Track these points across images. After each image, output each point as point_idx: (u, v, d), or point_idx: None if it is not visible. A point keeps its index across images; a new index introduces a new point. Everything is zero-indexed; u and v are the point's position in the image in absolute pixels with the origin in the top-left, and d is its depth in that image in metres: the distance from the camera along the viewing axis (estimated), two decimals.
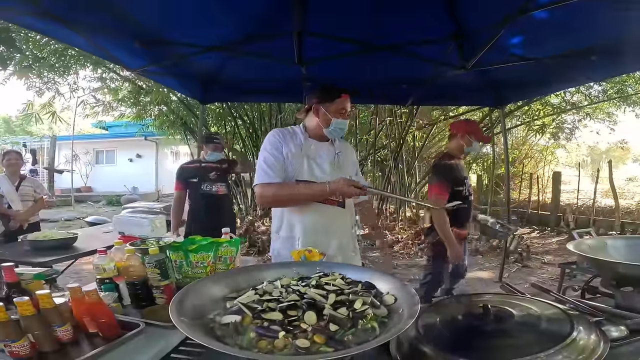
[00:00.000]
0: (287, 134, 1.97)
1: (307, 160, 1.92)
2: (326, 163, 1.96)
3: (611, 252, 1.50)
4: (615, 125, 9.61)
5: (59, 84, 8.19)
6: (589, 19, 2.39)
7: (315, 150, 1.96)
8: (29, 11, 2.17)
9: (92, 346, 1.14)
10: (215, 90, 3.98)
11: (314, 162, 1.94)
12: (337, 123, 1.92)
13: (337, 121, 1.91)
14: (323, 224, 1.93)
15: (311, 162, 1.93)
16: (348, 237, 2.05)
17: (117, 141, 18.56)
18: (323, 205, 1.91)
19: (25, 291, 1.30)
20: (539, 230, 8.79)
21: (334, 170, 1.94)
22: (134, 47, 2.69)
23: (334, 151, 2.01)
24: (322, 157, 1.96)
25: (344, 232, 2.03)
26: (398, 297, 1.05)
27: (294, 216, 1.94)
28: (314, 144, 1.97)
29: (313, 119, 1.95)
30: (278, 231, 2.00)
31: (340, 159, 2.01)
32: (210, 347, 0.78)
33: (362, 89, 3.95)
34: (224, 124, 8.64)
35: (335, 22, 2.64)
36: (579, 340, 0.88)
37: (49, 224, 9.56)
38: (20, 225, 3.76)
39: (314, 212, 1.91)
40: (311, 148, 1.95)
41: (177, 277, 1.54)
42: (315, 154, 1.95)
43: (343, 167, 2.00)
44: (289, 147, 1.91)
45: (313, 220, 1.92)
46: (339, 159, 2.01)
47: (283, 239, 1.97)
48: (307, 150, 1.94)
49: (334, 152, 2.01)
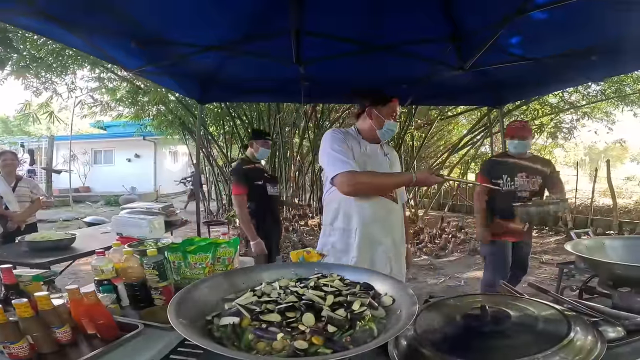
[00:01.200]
0: (346, 134, 2.06)
1: (367, 160, 2.00)
2: (385, 163, 2.09)
3: (609, 253, 1.51)
4: (614, 125, 9.62)
5: (57, 84, 8.17)
6: (588, 18, 2.39)
7: (371, 151, 2.06)
8: (25, 12, 2.15)
9: (91, 347, 1.15)
10: (214, 90, 3.98)
11: (372, 162, 2.02)
12: (389, 125, 2.04)
13: (390, 123, 2.04)
14: (381, 217, 1.99)
15: (371, 161, 2.01)
16: (401, 234, 2.13)
17: (115, 141, 18.53)
18: (382, 198, 1.99)
19: (24, 293, 1.30)
20: (537, 229, 8.81)
21: (389, 170, 2.10)
22: (131, 47, 2.67)
23: (384, 153, 2.14)
24: (377, 158, 2.07)
25: (398, 227, 2.10)
26: (396, 298, 1.05)
27: (352, 207, 1.98)
28: (369, 145, 2.07)
29: (366, 121, 2.06)
30: (332, 222, 2.04)
31: (391, 160, 2.15)
32: (208, 349, 0.78)
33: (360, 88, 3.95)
34: (223, 124, 8.64)
35: (333, 21, 2.63)
36: (576, 341, 0.88)
37: (47, 224, 9.53)
38: (18, 227, 3.75)
39: (374, 204, 1.97)
40: (367, 149, 2.05)
41: (176, 278, 1.54)
42: (372, 154, 2.06)
43: (394, 168, 2.15)
44: (350, 144, 1.99)
45: (372, 212, 1.97)
46: (390, 160, 2.14)
47: (340, 231, 2.01)
48: (365, 151, 2.04)
49: (383, 154, 2.13)
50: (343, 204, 1.99)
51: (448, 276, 5.40)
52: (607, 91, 8.14)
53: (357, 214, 1.97)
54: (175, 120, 8.48)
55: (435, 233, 7.43)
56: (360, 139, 2.07)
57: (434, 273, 5.59)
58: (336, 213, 2.02)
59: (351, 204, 1.97)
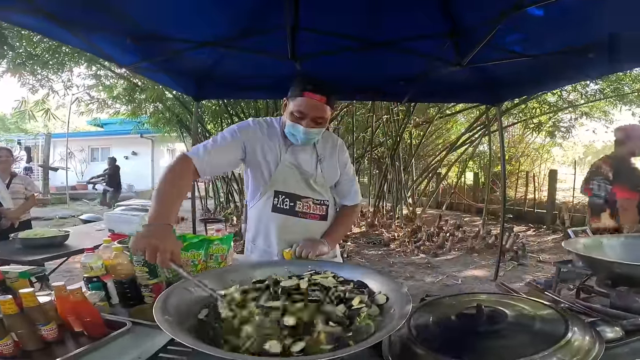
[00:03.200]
0: (262, 125, 1.70)
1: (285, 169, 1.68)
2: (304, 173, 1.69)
3: (607, 251, 1.49)
4: (612, 124, 9.62)
5: (53, 81, 8.12)
6: (585, 15, 2.37)
7: (290, 156, 1.69)
8: (24, 9, 2.13)
9: (78, 345, 1.12)
10: (209, 87, 3.95)
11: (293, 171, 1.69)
12: (291, 128, 1.58)
13: (291, 125, 1.58)
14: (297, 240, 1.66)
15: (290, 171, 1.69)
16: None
17: (112, 138, 18.50)
18: (303, 220, 1.70)
19: (10, 289, 1.27)
20: (535, 228, 8.82)
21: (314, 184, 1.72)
22: (125, 44, 2.64)
23: (315, 158, 1.73)
24: (299, 165, 1.70)
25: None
26: (390, 297, 1.03)
27: (270, 229, 1.71)
28: (292, 147, 1.69)
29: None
30: (254, 240, 1.79)
31: (322, 167, 1.73)
32: (194, 347, 0.76)
33: (358, 86, 3.93)
34: (221, 122, 8.60)
35: (330, 17, 2.60)
36: (574, 342, 0.86)
37: (43, 221, 9.49)
38: (12, 224, 3.72)
39: (293, 226, 1.69)
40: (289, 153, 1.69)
41: (167, 275, 1.51)
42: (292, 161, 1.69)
43: (325, 174, 1.74)
44: (260, 139, 1.66)
45: (292, 237, 1.68)
46: (313, 165, 1.72)
47: (260, 251, 1.76)
48: (279, 152, 1.67)
49: (314, 159, 1.73)
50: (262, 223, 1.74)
51: (445, 275, 5.39)
52: (605, 90, 8.13)
53: (275, 237, 1.70)
54: (172, 118, 8.45)
55: (432, 231, 7.42)
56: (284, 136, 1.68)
57: (431, 271, 5.59)
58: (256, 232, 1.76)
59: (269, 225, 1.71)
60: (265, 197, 1.70)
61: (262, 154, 1.66)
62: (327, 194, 1.78)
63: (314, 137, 1.61)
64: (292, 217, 1.68)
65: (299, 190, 1.69)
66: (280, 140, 1.68)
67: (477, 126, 8.61)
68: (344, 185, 1.82)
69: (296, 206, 1.68)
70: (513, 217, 9.32)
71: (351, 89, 4.01)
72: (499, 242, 5.27)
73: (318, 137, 1.66)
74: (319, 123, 1.57)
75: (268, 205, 1.69)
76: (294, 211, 1.68)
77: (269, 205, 1.69)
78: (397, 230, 7.73)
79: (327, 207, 1.76)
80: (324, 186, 1.75)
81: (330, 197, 1.79)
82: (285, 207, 1.68)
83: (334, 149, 1.79)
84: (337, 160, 1.79)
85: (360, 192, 1.90)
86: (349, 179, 1.84)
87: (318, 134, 1.62)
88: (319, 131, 1.61)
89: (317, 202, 1.72)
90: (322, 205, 1.74)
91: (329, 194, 1.79)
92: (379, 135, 9.49)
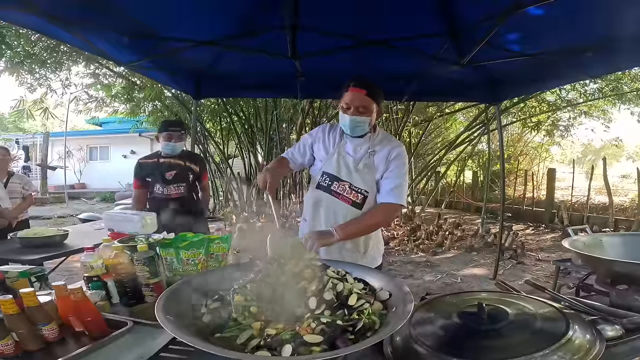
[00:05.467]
0: (332, 127, 1.99)
1: (329, 155, 1.90)
2: (346, 160, 1.87)
3: (607, 250, 1.49)
4: (610, 123, 9.63)
5: (51, 80, 8.09)
6: (585, 15, 2.37)
7: (346, 146, 1.89)
8: (24, 9, 2.12)
9: (79, 345, 1.12)
10: (208, 86, 3.94)
11: (330, 159, 1.89)
12: (342, 119, 1.82)
13: (342, 116, 1.82)
14: (330, 218, 1.85)
15: (329, 158, 1.89)
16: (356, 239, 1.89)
17: (111, 137, 18.43)
18: (336, 200, 1.85)
19: (10, 289, 1.27)
20: (534, 226, 8.83)
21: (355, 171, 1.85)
22: (124, 42, 2.63)
23: (367, 148, 1.87)
24: (341, 153, 1.88)
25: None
26: (393, 294, 1.03)
27: (309, 203, 1.96)
28: (350, 139, 1.89)
29: None
30: (304, 216, 2.03)
31: (368, 158, 1.86)
32: (196, 347, 0.76)
33: None
34: (220, 120, 8.59)
35: (329, 16, 2.60)
36: (575, 340, 0.87)
37: (41, 221, 9.47)
38: (9, 223, 3.70)
39: (326, 203, 1.87)
40: (344, 142, 1.89)
41: (168, 274, 1.51)
42: (341, 149, 1.89)
43: (371, 166, 1.85)
44: (331, 138, 1.93)
45: (324, 214, 1.88)
46: (367, 157, 1.85)
47: (307, 225, 1.96)
48: (339, 144, 1.89)
49: (367, 149, 1.87)
50: (306, 198, 2.06)
51: (445, 273, 5.40)
52: (604, 89, 8.14)
53: (309, 214, 1.96)
54: (171, 117, 8.42)
55: (432, 230, 7.42)
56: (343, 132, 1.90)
57: (430, 270, 5.59)
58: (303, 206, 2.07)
59: (308, 201, 1.99)
60: (317, 178, 1.93)
61: (324, 148, 1.93)
62: (370, 186, 1.85)
63: (360, 124, 1.80)
64: (326, 194, 1.87)
65: (342, 174, 1.86)
66: (339, 134, 1.92)
67: (476, 125, 8.61)
68: (384, 181, 1.86)
69: (332, 185, 1.86)
70: (512, 215, 9.33)
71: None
72: (498, 240, 5.28)
73: (365, 126, 1.82)
74: (362, 112, 1.78)
75: (314, 184, 1.94)
76: (329, 189, 1.86)
77: (314, 183, 1.94)
78: (397, 229, 7.73)
79: (365, 198, 1.84)
80: (368, 176, 1.85)
81: (373, 191, 1.86)
82: (324, 185, 1.87)
83: (391, 150, 1.86)
84: (389, 159, 1.85)
85: (403, 195, 1.86)
86: (393, 176, 1.85)
87: (363, 122, 1.80)
88: (364, 119, 1.79)
89: (354, 188, 1.84)
90: (358, 192, 1.84)
91: (373, 188, 1.86)
92: None
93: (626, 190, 11.04)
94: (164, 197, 3.14)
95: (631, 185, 11.46)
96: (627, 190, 11.16)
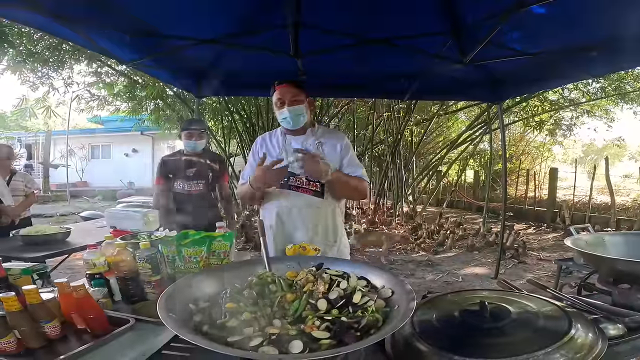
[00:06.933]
0: (270, 134, 2.07)
1: (285, 154, 1.93)
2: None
3: (609, 249, 1.49)
4: (613, 123, 9.61)
5: (54, 79, 8.09)
6: (588, 13, 2.36)
7: (289, 144, 1.97)
8: (27, 7, 2.12)
9: (81, 342, 1.12)
10: (210, 84, 3.93)
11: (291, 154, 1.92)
12: (280, 115, 1.93)
13: (280, 113, 1.92)
14: (295, 214, 1.93)
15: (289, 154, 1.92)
16: (326, 228, 1.97)
17: (112, 136, 18.47)
18: (297, 193, 1.91)
19: (13, 286, 1.27)
20: (535, 226, 8.82)
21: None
22: (126, 41, 2.64)
23: (315, 141, 1.97)
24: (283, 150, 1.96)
25: (320, 222, 1.95)
26: (395, 291, 1.03)
27: (266, 206, 2.01)
28: (293, 138, 1.98)
29: None
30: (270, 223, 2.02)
31: (323, 149, 1.94)
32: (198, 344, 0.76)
33: (359, 83, 3.92)
34: (221, 119, 8.59)
35: (332, 14, 2.60)
36: (577, 339, 0.86)
37: (44, 219, 9.50)
38: (12, 221, 3.71)
39: (288, 198, 1.92)
40: (287, 142, 1.98)
41: (170, 272, 1.51)
42: (288, 147, 1.96)
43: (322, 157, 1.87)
44: (271, 145, 2.01)
45: (286, 211, 1.94)
46: (321, 149, 1.94)
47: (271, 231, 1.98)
48: (283, 146, 1.97)
49: (313, 142, 1.96)
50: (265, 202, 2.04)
51: (446, 272, 5.40)
52: (607, 88, 8.11)
53: (269, 212, 1.99)
54: (173, 115, 8.43)
55: (433, 229, 7.42)
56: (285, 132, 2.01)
57: (432, 269, 5.59)
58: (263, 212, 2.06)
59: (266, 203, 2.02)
60: None
61: (270, 154, 1.94)
62: None
63: (299, 113, 1.90)
64: (286, 191, 1.92)
65: (295, 169, 1.88)
66: (280, 136, 2.01)
67: (478, 124, 8.59)
68: (347, 169, 1.97)
69: (289, 181, 1.91)
70: (513, 215, 9.32)
71: (352, 86, 4.00)
72: (499, 239, 5.27)
73: (303, 113, 1.92)
74: (296, 102, 1.89)
75: (270, 194, 1.98)
76: (287, 185, 1.92)
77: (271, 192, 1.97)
78: (398, 228, 7.72)
79: (323, 185, 1.91)
80: None
81: None
82: (282, 183, 1.90)
83: (338, 141, 1.99)
84: (340, 151, 1.97)
85: (367, 177, 2.03)
86: (354, 164, 1.98)
87: (300, 109, 1.90)
88: (300, 107, 1.90)
89: (310, 179, 1.91)
90: (316, 182, 1.91)
91: None
92: (379, 133, 9.48)
93: (628, 190, 11.03)
94: (185, 192, 3.26)
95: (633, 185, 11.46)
96: (629, 190, 11.16)
